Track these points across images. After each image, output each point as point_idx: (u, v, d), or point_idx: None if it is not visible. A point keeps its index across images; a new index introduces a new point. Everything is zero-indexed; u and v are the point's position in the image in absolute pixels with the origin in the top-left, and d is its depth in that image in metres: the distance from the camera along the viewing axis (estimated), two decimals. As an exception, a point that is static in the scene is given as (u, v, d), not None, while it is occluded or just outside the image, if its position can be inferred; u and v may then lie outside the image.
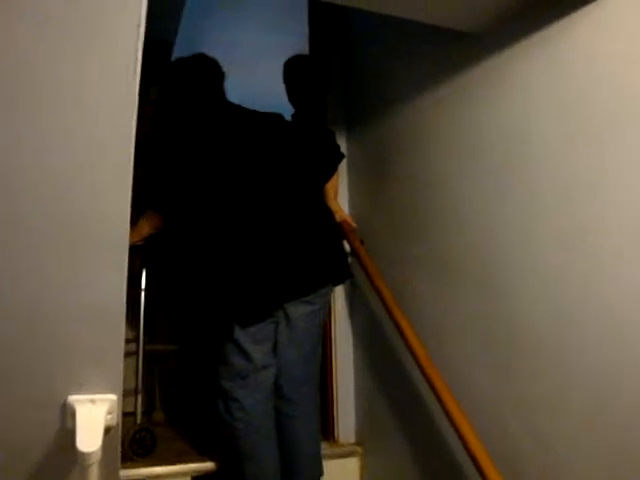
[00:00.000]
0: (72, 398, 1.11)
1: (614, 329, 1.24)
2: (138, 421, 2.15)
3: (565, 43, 1.39)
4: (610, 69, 1.27)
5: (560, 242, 1.39)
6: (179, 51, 2.84)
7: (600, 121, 1.29)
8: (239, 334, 1.79)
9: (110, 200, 0.98)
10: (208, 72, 2.01)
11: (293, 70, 2.53)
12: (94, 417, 1.09)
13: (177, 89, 2.03)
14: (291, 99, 2.54)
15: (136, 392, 2.17)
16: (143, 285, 2.26)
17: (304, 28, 2.66)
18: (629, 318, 1.20)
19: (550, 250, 1.42)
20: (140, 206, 1.85)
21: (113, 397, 1.13)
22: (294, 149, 1.93)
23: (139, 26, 0.75)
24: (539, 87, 1.47)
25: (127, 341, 2.23)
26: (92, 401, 1.12)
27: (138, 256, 2.25)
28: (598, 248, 1.29)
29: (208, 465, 2.02)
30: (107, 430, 1.13)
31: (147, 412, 2.36)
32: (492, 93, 1.63)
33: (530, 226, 1.48)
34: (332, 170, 2.09)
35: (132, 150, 0.95)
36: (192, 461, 2.03)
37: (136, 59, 0.78)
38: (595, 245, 1.29)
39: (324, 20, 2.56)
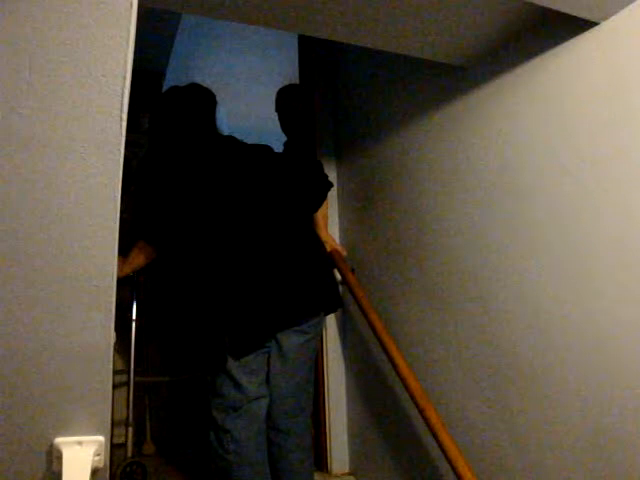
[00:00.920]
0: (59, 440, 1.10)
1: (608, 358, 1.24)
2: (129, 454, 2.13)
3: (550, 74, 1.42)
4: (595, 100, 1.29)
5: (552, 270, 1.39)
6: (171, 81, 2.86)
7: (587, 150, 1.31)
8: (232, 365, 1.78)
9: (96, 239, 0.98)
10: (202, 101, 2.03)
11: (286, 99, 2.56)
12: (81, 459, 1.07)
13: (169, 118, 2.04)
14: (283, 127, 2.56)
15: (127, 424, 2.15)
16: (134, 316, 2.25)
17: (294, 58, 2.70)
18: (622, 348, 1.21)
19: (541, 278, 1.42)
20: (132, 237, 1.85)
21: (100, 439, 1.12)
22: (283, 180, 1.94)
23: (125, 78, 0.76)
24: (525, 118, 1.49)
25: (118, 372, 2.24)
26: (79, 443, 1.10)
27: (129, 287, 2.24)
28: (590, 276, 1.29)
29: (199, 499, 1.99)
30: (94, 472, 1.11)
31: (137, 444, 2.33)
32: (479, 123, 1.65)
33: (520, 254, 1.49)
34: (321, 199, 2.09)
35: (119, 190, 0.96)
36: (183, 495, 2.01)
37: (122, 106, 0.79)
38: (587, 273, 1.30)
39: (313, 50, 2.60)
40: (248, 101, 3.34)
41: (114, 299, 1.00)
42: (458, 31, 1.51)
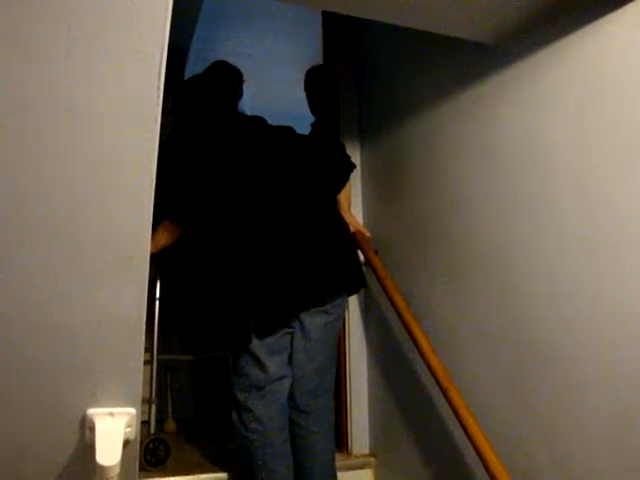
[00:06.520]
0: (91, 411, 1.11)
1: (635, 335, 1.22)
2: (152, 430, 2.15)
3: (584, 53, 1.38)
4: (629, 79, 1.26)
5: (580, 252, 1.37)
6: (193, 61, 2.86)
7: (620, 131, 1.28)
8: (256, 345, 1.79)
9: (132, 211, 0.99)
10: (228, 78, 2.03)
11: (314, 79, 2.54)
12: (113, 430, 1.08)
13: (195, 96, 2.04)
14: (312, 108, 2.55)
15: (150, 401, 2.18)
16: (157, 295, 2.27)
17: (318, 37, 2.68)
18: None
19: (569, 260, 1.40)
20: (157, 217, 1.85)
21: (132, 410, 1.13)
22: (305, 161, 1.94)
23: (163, 47, 0.76)
24: (557, 98, 1.46)
25: (141, 350, 2.26)
26: (111, 414, 1.12)
27: (153, 266, 2.25)
28: (615, 253, 1.27)
29: (221, 476, 2.01)
30: (125, 443, 1.13)
31: (159, 422, 2.35)
32: (508, 104, 1.63)
33: (548, 235, 1.47)
34: (344, 180, 2.08)
35: (155, 162, 0.95)
36: (205, 472, 2.03)
37: (159, 76, 0.79)
38: (612, 250, 1.28)
39: (337, 30, 2.57)
40: (270, 82, 3.32)
41: (147, 272, 1.01)
42: (487, 7, 1.48)
